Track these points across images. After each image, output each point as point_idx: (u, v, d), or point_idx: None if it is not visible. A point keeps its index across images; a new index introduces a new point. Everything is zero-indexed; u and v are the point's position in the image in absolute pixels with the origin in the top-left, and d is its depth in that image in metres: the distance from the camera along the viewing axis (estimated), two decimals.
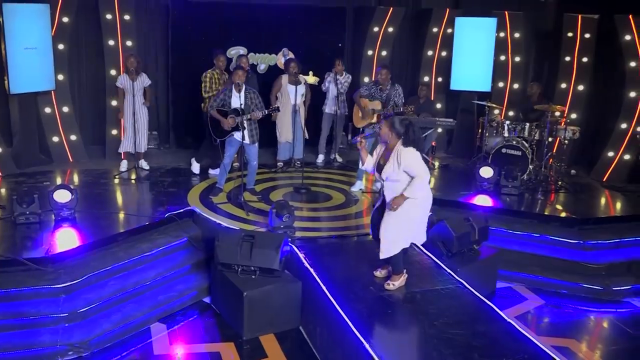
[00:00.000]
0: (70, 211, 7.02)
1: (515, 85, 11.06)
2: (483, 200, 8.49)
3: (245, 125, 7.75)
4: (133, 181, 8.78)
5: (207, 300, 6.64)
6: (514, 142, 9.36)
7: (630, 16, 9.53)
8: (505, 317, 5.25)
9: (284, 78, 9.55)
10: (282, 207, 6.73)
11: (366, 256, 6.44)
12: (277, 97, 9.56)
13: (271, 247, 6.02)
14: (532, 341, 4.89)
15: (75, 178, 8.83)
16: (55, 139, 9.58)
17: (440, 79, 11.47)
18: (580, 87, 10.55)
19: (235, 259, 6.06)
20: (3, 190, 8.13)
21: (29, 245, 6.41)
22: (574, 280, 7.24)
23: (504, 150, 9.38)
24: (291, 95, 9.45)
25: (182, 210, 7.42)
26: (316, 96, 9.97)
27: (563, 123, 9.42)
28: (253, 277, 6.05)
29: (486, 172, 8.84)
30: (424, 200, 5.56)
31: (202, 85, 9.00)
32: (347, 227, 7.34)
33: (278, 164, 9.73)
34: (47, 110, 9.53)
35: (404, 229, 5.55)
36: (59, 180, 8.69)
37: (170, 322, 6.19)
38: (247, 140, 7.81)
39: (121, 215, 7.41)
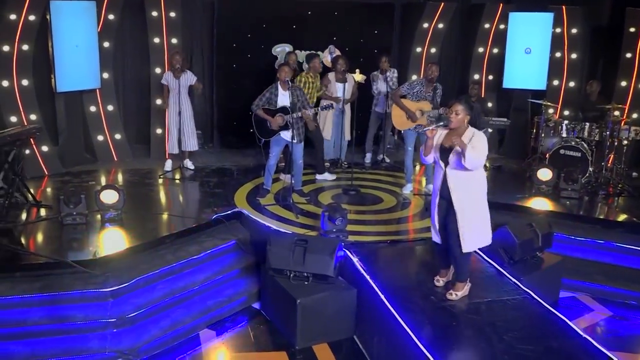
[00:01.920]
0: (117, 212, 6.88)
1: (571, 84, 10.56)
2: (542, 204, 8.08)
3: (293, 124, 7.51)
4: (178, 181, 8.62)
5: (256, 306, 6.42)
6: (573, 143, 8.91)
7: None
8: (580, 332, 4.88)
9: (331, 75, 9.27)
10: (335, 210, 6.46)
11: (423, 263, 6.15)
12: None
13: (325, 252, 5.75)
14: (611, 358, 4.52)
15: (120, 178, 8.71)
16: (100, 137, 9.49)
17: (491, 77, 11.05)
18: None
19: (288, 264, 5.81)
20: (49, 190, 8.04)
21: (76, 247, 6.28)
22: None
23: (562, 152, 8.93)
24: (339, 93, 9.18)
25: (229, 212, 7.21)
26: (362, 95, 9.64)
27: (624, 123, 8.92)
28: (306, 283, 5.79)
29: (544, 174, 8.44)
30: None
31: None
32: (400, 231, 7.03)
33: (325, 164, 9.45)
34: (92, 108, 9.44)
35: (485, 222, 5.31)
36: (103, 180, 8.59)
37: (219, 328, 5.98)
38: (294, 139, 7.57)
39: (168, 217, 7.23)
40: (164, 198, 8.13)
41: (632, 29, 9.85)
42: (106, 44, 9.38)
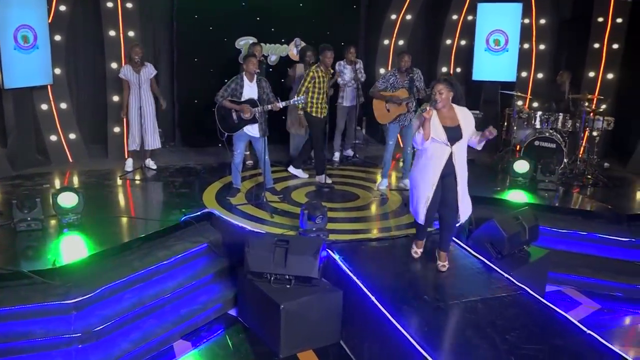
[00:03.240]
0: (76, 216, 6.34)
1: (540, 75, 10.45)
2: (520, 196, 7.89)
3: (258, 117, 7.10)
4: (141, 182, 8.07)
5: (232, 312, 6.00)
6: (547, 134, 8.77)
7: None
8: (584, 329, 4.63)
9: (299, 68, 8.89)
10: (315, 208, 6.08)
11: (410, 261, 5.82)
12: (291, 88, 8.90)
13: (308, 252, 5.38)
14: (621, 355, 4.28)
15: (77, 180, 8.10)
16: (53, 137, 8.84)
17: (459, 70, 10.86)
18: (610, 75, 9.97)
19: (268, 267, 5.41)
20: None
21: (33, 256, 5.72)
22: (630, 282, 6.69)
23: (536, 143, 8.78)
24: None
25: (199, 213, 6.75)
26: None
27: (593, 114, 8.81)
28: (288, 286, 5.41)
29: (521, 166, 8.26)
30: None
31: (303, 81, 7.90)
32: (381, 228, 6.67)
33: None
34: (44, 106, 8.79)
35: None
36: (58, 182, 7.99)
37: (194, 339, 5.55)
38: (257, 134, 7.16)
39: (132, 220, 6.71)
40: (126, 200, 7.58)
41: (600, 19, 9.80)
42: (57, 37, 8.74)
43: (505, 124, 9.85)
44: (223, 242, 6.58)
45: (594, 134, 9.17)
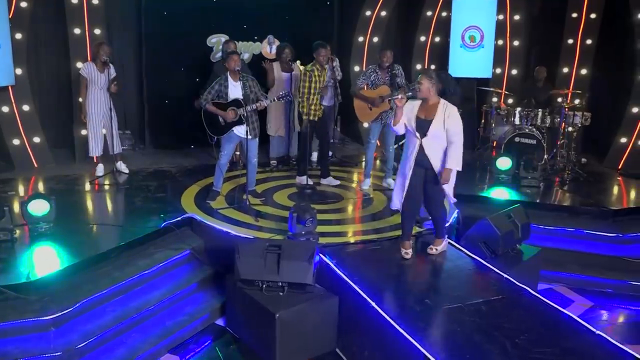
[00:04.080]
0: (48, 225, 5.94)
1: (514, 71, 10.42)
2: (504, 193, 7.81)
3: (248, 118, 6.81)
4: (113, 187, 7.66)
5: (219, 322, 5.69)
6: (527, 130, 8.73)
7: None
8: (592, 329, 4.50)
9: (276, 66, 8.61)
10: (304, 210, 5.82)
11: (405, 262, 5.62)
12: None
13: (302, 258, 5.12)
14: (635, 357, 4.16)
15: (45, 186, 7.63)
16: (16, 141, 8.34)
17: (433, 66, 10.75)
18: (584, 71, 10.00)
19: (260, 274, 5.13)
20: None
21: (3, 269, 5.29)
22: (619, 278, 6.64)
23: (517, 139, 8.73)
24: (285, 84, 8.54)
25: (179, 219, 6.42)
26: None
27: (569, 108, 8.79)
28: (281, 294, 5.14)
29: (504, 163, 8.18)
30: None
31: (301, 83, 7.52)
32: (370, 230, 6.45)
33: (271, 162, 8.79)
34: (5, 109, 8.28)
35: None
36: (24, 189, 7.52)
37: (182, 352, 5.25)
38: (248, 135, 6.87)
39: (107, 228, 6.32)
40: (99, 207, 7.16)
41: (574, 15, 9.81)
42: (18, 36, 8.24)
43: (483, 120, 9.78)
44: (205, 248, 6.28)
45: (570, 129, 9.18)
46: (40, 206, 5.90)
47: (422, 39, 10.63)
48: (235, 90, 6.83)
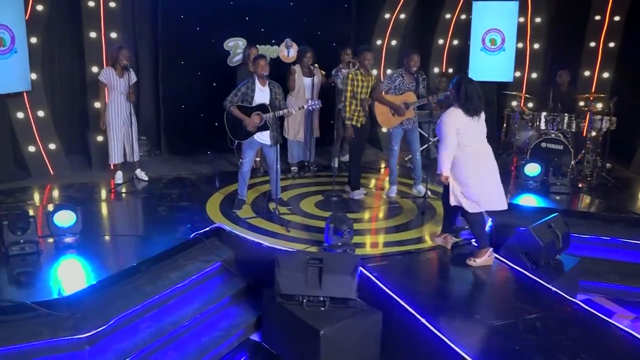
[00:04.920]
0: (74, 236, 5.72)
1: (534, 75, 10.26)
2: (534, 200, 7.63)
3: (272, 124, 6.63)
4: (134, 195, 7.45)
5: (254, 337, 5.48)
6: (553, 135, 8.56)
7: None
8: None
9: (298, 69, 8.41)
10: (342, 221, 5.63)
11: (449, 274, 5.48)
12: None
13: (345, 271, 4.91)
14: None
15: (64, 195, 7.39)
16: (32, 148, 8.12)
17: (451, 70, 10.59)
18: (606, 74, 9.86)
19: (302, 288, 4.92)
20: None
21: (31, 284, 5.11)
22: None
23: (543, 145, 8.55)
24: (306, 89, 8.36)
25: (208, 229, 6.21)
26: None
27: (599, 114, 8.64)
28: (322, 309, 4.93)
29: (532, 169, 8.00)
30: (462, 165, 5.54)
31: (344, 87, 7.21)
32: (406, 240, 6.24)
33: (292, 168, 8.59)
34: (20, 115, 8.06)
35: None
36: (41, 198, 7.30)
37: None
38: (269, 142, 6.69)
39: (134, 239, 6.10)
40: (123, 216, 6.96)
41: (597, 17, 9.66)
42: (33, 40, 8.01)
43: (505, 125, 9.62)
44: (236, 259, 6.07)
45: (593, 134, 9.03)
46: (66, 217, 5.69)
47: (440, 41, 10.47)
48: (262, 95, 6.64)
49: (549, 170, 7.93)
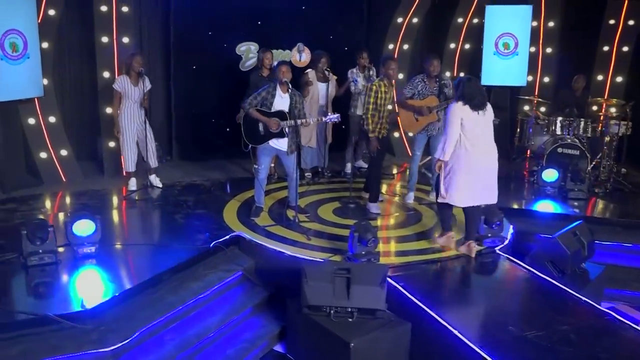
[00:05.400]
0: (94, 246, 5.62)
1: (546, 79, 10.18)
2: (552, 207, 7.55)
3: (288, 132, 6.53)
4: (149, 203, 7.35)
5: (278, 348, 5.39)
6: (569, 140, 8.48)
7: None
8: None
9: (312, 74, 8.32)
10: (366, 229, 5.53)
11: (477, 283, 5.39)
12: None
13: (374, 282, 4.83)
14: None
15: (78, 202, 7.28)
16: (43, 155, 8.01)
17: (462, 74, 10.49)
18: (619, 79, 9.80)
19: (329, 299, 4.84)
20: None
21: (51, 295, 5.01)
22: None
23: (560, 150, 8.46)
24: (321, 94, 8.27)
25: (227, 237, 6.12)
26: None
27: (616, 119, 8.58)
28: (350, 320, 4.84)
29: (550, 174, 7.93)
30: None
31: (367, 97, 6.89)
32: (429, 248, 6.13)
33: (306, 174, 8.50)
34: (31, 121, 7.95)
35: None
36: (49, 205, 7.18)
37: None
38: (285, 149, 6.59)
39: (153, 248, 5.99)
40: (140, 224, 6.86)
41: (611, 21, 9.60)
42: (45, 45, 7.90)
43: (519, 130, 9.55)
44: (256, 268, 5.99)
45: (607, 139, 8.97)
46: (85, 226, 5.59)
47: (452, 45, 10.38)
48: (282, 102, 6.54)
49: (566, 176, 7.85)
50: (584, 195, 7.80)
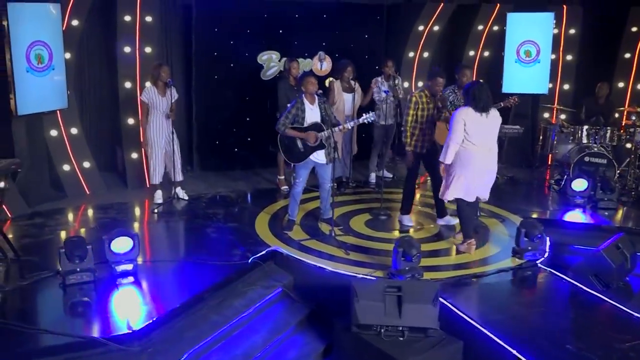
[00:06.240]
0: (131, 263, 5.51)
1: (566, 86, 10.13)
2: (583, 217, 7.49)
3: (325, 142, 6.46)
4: (178, 216, 7.23)
5: None
6: (596, 149, 8.42)
7: None
8: None
9: (337, 84, 8.24)
10: (411, 245, 5.44)
11: (522, 299, 5.28)
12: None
13: (426, 300, 4.73)
14: None
15: (104, 216, 7.16)
16: (67, 167, 7.89)
17: (481, 81, 10.41)
18: None
19: (381, 318, 4.73)
20: (18, 237, 6.27)
21: (94, 316, 4.89)
22: None
23: (587, 159, 8.41)
24: (347, 105, 8.19)
25: (264, 252, 6.02)
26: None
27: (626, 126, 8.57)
28: (401, 338, 4.74)
29: (580, 184, 7.86)
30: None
31: (407, 110, 6.64)
32: (471, 262, 6.05)
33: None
34: (53, 133, 7.83)
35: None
36: (77, 219, 7.08)
37: None
38: (324, 160, 6.51)
39: (190, 264, 5.86)
40: (171, 239, 6.75)
41: (634, 29, 9.57)
42: (67, 55, 7.78)
43: (541, 137, 9.49)
44: (295, 284, 5.88)
45: (628, 146, 8.96)
46: (123, 243, 5.47)
47: (472, 53, 10.32)
48: (312, 114, 6.47)
49: (596, 185, 7.79)
50: (613, 204, 7.73)
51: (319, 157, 6.49)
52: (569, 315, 5.11)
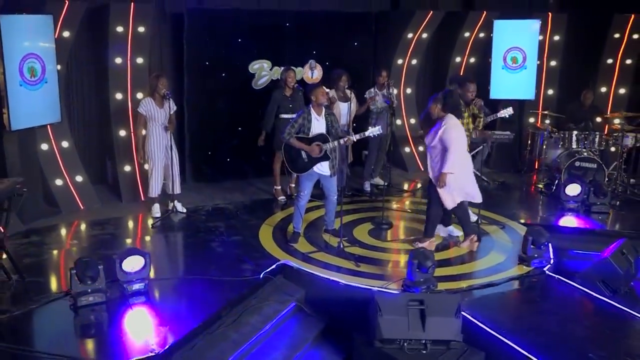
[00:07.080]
0: (143, 282, 5.40)
1: (550, 91, 10.32)
2: (577, 222, 7.64)
3: (330, 154, 6.45)
4: (179, 230, 7.12)
5: None
6: (586, 154, 8.60)
7: None
8: None
9: (332, 94, 8.21)
10: (425, 257, 5.46)
11: (538, 307, 5.36)
12: None
13: (449, 313, 4.77)
14: None
15: (103, 232, 6.99)
16: (59, 182, 7.68)
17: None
18: (622, 90, 10.02)
19: (405, 332, 4.75)
20: (18, 255, 6.02)
21: (113, 338, 4.76)
22: None
23: (577, 164, 8.57)
24: (342, 114, 8.16)
25: (275, 267, 5.97)
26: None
27: (626, 131, 8.75)
28: (424, 352, 4.76)
29: (573, 189, 8.01)
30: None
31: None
32: (477, 271, 6.10)
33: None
34: (44, 147, 7.62)
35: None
36: (63, 233, 6.90)
37: None
38: (328, 172, 6.50)
39: (201, 281, 5.76)
40: (176, 255, 6.65)
41: (616, 35, 9.80)
42: (58, 67, 7.58)
43: (530, 142, 9.64)
44: (306, 298, 5.85)
45: (612, 149, 9.18)
46: (135, 262, 5.36)
47: (457, 59, 10.42)
48: (319, 125, 6.45)
49: (588, 190, 7.94)
50: (606, 208, 7.91)
51: (323, 168, 6.47)
52: (584, 322, 5.20)
